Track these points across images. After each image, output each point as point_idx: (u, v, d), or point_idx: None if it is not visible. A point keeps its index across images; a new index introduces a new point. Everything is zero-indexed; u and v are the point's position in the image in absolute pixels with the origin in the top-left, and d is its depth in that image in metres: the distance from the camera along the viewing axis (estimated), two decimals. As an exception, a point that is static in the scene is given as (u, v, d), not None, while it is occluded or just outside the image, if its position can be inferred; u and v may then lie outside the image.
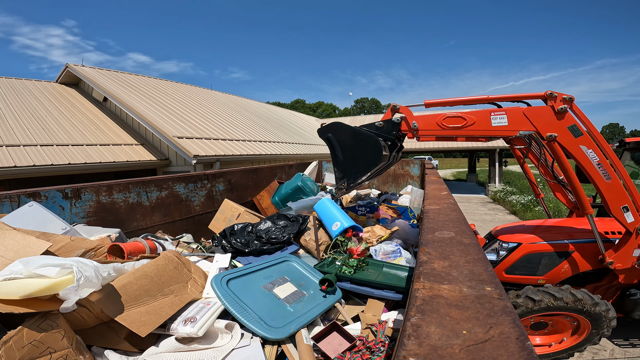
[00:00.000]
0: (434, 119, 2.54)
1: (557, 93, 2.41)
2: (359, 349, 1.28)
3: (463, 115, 2.48)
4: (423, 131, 2.55)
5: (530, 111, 2.44)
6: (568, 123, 2.43)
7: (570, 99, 2.41)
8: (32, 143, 7.40)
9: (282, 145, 12.53)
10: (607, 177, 2.56)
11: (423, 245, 1.02)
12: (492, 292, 0.69)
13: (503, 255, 3.58)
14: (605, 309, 3.01)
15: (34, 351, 0.93)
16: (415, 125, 2.52)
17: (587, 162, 2.52)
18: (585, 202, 2.76)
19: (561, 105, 2.38)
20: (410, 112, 2.55)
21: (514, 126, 2.44)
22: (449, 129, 2.51)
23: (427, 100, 2.68)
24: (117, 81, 11.14)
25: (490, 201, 14.46)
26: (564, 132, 2.43)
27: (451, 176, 29.33)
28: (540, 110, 2.44)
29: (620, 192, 2.62)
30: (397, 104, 2.57)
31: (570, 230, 3.56)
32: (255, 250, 1.95)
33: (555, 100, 2.41)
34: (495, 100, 2.71)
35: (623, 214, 2.67)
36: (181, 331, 1.19)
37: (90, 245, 1.58)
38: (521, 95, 2.62)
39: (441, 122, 2.51)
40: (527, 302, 3.05)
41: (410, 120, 2.53)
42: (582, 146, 2.48)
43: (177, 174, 3.00)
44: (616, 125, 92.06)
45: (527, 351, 0.48)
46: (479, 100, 2.74)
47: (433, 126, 2.53)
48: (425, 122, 2.54)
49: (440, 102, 2.74)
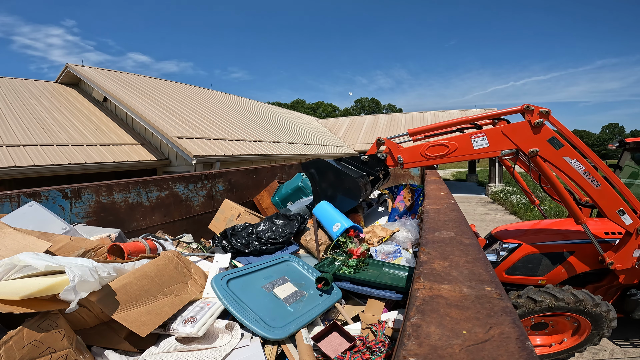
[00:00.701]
0: (417, 149, 2.58)
1: (534, 106, 2.40)
2: (359, 349, 1.28)
3: (445, 143, 2.51)
4: (408, 164, 2.60)
5: (508, 129, 2.42)
6: (547, 136, 2.40)
7: (546, 112, 2.40)
8: (32, 143, 7.40)
9: (282, 145, 12.53)
10: (596, 184, 2.56)
11: (423, 245, 1.02)
12: (492, 292, 0.69)
13: (503, 255, 3.59)
14: (606, 309, 3.01)
15: (34, 351, 0.93)
16: (400, 160, 2.58)
17: (573, 173, 2.51)
18: (577, 212, 2.75)
19: (537, 119, 2.35)
20: (395, 146, 2.61)
21: (495, 147, 2.43)
22: (433, 158, 2.55)
23: (410, 130, 2.79)
24: (117, 81, 11.14)
25: (490, 201, 14.46)
26: (544, 145, 2.41)
27: (451, 176, 29.33)
28: (518, 126, 2.42)
29: (612, 197, 2.61)
30: (381, 138, 2.67)
31: (570, 231, 3.56)
32: (255, 251, 1.95)
33: (532, 114, 2.39)
34: (475, 121, 2.75)
35: (620, 217, 2.67)
36: (181, 331, 1.19)
37: (90, 245, 1.58)
38: (499, 112, 2.67)
39: (425, 152, 2.55)
40: (528, 303, 3.05)
41: (396, 155, 2.59)
42: (565, 157, 2.46)
43: (177, 174, 3.00)
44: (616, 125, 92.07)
45: (527, 351, 0.48)
46: (458, 123, 2.78)
47: (417, 157, 2.58)
48: (410, 154, 2.59)
49: (422, 129, 2.82)
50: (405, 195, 3.04)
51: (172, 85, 14.14)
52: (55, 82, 11.74)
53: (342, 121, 23.28)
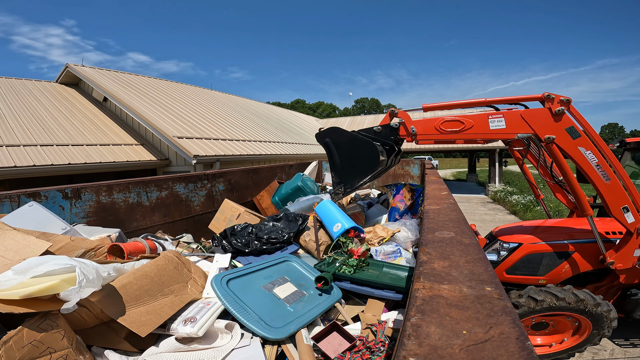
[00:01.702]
0: (432, 123, 2.54)
1: (555, 95, 2.41)
2: (359, 349, 1.28)
3: (461, 119, 2.48)
4: (421, 136, 2.55)
5: (527, 114, 2.44)
6: (566, 125, 2.42)
7: (567, 100, 2.41)
8: (32, 143, 7.40)
9: (282, 145, 12.53)
10: (606, 178, 2.57)
11: (423, 245, 1.02)
12: (492, 292, 0.69)
13: (504, 255, 3.58)
14: (607, 309, 3.01)
15: (34, 351, 0.93)
16: (413, 130, 2.53)
17: (585, 164, 2.52)
18: (584, 204, 2.76)
19: (558, 107, 2.38)
20: (408, 117, 2.56)
21: (511, 129, 2.44)
22: (447, 132, 2.51)
23: (425, 104, 2.69)
24: (117, 81, 11.14)
25: (490, 201, 14.46)
26: (561, 134, 2.43)
27: (451, 176, 29.33)
28: (538, 112, 2.44)
29: (619, 193, 2.62)
30: (395, 109, 2.59)
31: (571, 230, 3.56)
32: (255, 250, 1.95)
33: (553, 102, 2.41)
34: (493, 103, 2.72)
35: (623, 214, 2.67)
36: (181, 331, 1.19)
37: (90, 245, 1.58)
38: (519, 97, 2.64)
39: (439, 126, 2.52)
40: (529, 302, 3.05)
41: (409, 125, 2.54)
42: (580, 148, 2.48)
43: (177, 174, 3.00)
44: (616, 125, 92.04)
45: (527, 351, 0.48)
46: (477, 104, 2.74)
47: (431, 130, 2.54)
48: (424, 126, 2.55)
49: (438, 105, 2.74)
50: (405, 195, 3.04)
51: (172, 85, 14.13)
52: (55, 82, 11.74)
53: (342, 121, 23.28)
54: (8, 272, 1.00)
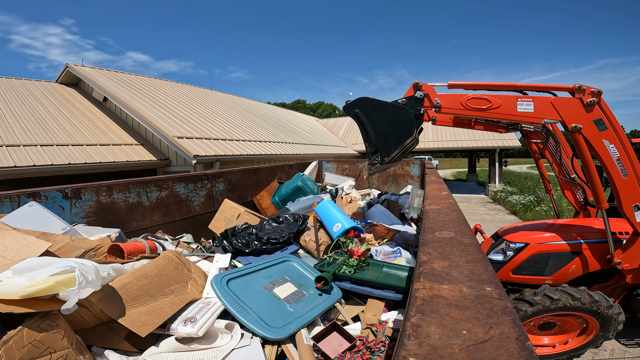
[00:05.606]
0: (457, 98, 2.51)
1: (586, 86, 2.44)
2: (359, 349, 1.28)
3: (489, 98, 2.47)
4: (445, 109, 2.51)
5: (558, 101, 2.46)
6: (595, 116, 2.45)
7: (598, 92, 2.43)
8: (32, 143, 7.40)
9: (282, 145, 12.53)
10: (625, 173, 2.58)
11: (423, 245, 1.02)
12: (492, 292, 0.69)
13: (510, 255, 3.56)
14: (617, 311, 3.01)
15: (34, 351, 0.93)
16: (438, 102, 2.48)
17: (607, 157, 2.54)
18: (601, 196, 2.77)
19: (590, 99, 2.40)
20: (433, 90, 2.51)
21: (539, 114, 2.45)
22: (472, 109, 2.49)
23: (450, 82, 2.63)
24: (117, 81, 11.14)
25: (490, 201, 14.46)
26: (589, 124, 2.45)
27: (451, 176, 29.33)
28: (569, 101, 2.46)
29: (635, 190, 2.63)
30: (419, 82, 2.52)
31: (578, 230, 3.54)
32: (256, 251, 1.95)
33: (584, 93, 2.43)
34: (521, 88, 2.67)
35: (634, 212, 2.67)
36: (181, 331, 1.19)
37: (90, 245, 1.58)
38: (548, 85, 2.63)
39: (465, 103, 2.49)
40: (544, 300, 3.02)
41: (433, 98, 2.49)
42: (604, 140, 2.50)
43: (177, 174, 3.00)
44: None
45: (527, 351, 0.48)
46: (505, 87, 2.69)
47: (456, 105, 2.51)
48: (449, 100, 2.51)
49: (464, 84, 2.67)
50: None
51: (172, 85, 14.13)
52: (55, 82, 11.74)
53: (342, 121, 23.27)
54: (7, 272, 1.00)
